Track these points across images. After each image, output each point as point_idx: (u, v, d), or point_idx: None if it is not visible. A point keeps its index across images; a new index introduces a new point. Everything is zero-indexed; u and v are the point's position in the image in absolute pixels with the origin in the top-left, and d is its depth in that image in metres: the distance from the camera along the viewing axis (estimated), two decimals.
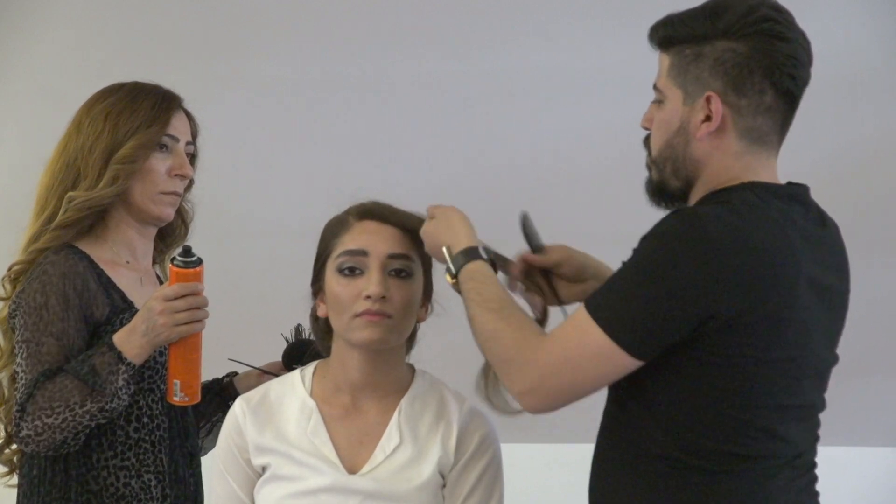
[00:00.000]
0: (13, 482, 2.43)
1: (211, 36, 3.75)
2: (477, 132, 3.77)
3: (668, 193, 2.00)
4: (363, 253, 2.11)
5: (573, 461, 2.20)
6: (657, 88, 1.98)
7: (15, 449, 2.40)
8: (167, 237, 2.51)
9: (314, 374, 2.20)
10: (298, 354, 2.44)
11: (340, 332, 2.13)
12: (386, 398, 2.16)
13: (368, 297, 2.08)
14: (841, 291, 2.00)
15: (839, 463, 3.64)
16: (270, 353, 2.53)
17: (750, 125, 1.94)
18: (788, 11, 1.96)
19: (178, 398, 2.29)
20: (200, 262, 2.27)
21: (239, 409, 2.18)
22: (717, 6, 1.93)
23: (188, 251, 2.26)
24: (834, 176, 3.60)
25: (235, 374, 2.57)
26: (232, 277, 3.65)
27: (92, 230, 2.38)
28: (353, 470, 2.11)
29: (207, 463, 2.31)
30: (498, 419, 2.19)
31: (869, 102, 3.63)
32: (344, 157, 3.76)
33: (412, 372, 2.21)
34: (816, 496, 2.00)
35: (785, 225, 1.90)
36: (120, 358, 2.24)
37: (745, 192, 1.91)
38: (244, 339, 2.80)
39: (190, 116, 2.45)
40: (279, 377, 2.26)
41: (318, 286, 2.17)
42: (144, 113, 2.36)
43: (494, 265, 2.08)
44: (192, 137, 2.44)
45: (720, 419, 1.89)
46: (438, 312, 2.20)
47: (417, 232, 2.13)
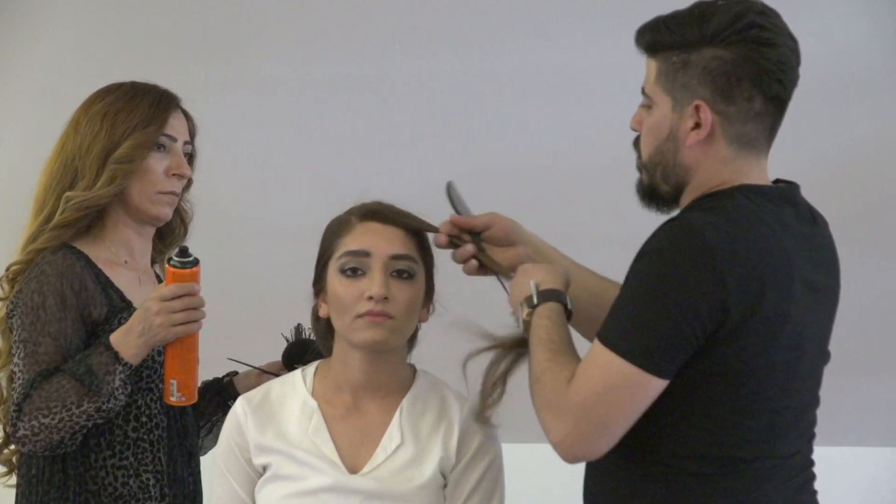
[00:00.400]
0: (12, 482, 2.42)
1: (210, 36, 3.75)
2: (477, 132, 3.77)
3: (658, 196, 1.99)
4: (365, 253, 2.11)
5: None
6: (645, 93, 1.97)
7: (13, 449, 2.40)
8: (166, 237, 2.50)
9: (315, 373, 2.20)
10: (298, 354, 2.44)
11: (342, 332, 2.13)
12: (387, 398, 2.16)
13: (370, 297, 2.08)
14: (832, 289, 2.00)
15: (839, 463, 3.64)
16: (270, 352, 2.53)
17: (739, 131, 1.93)
18: (775, 13, 1.95)
19: (174, 398, 2.29)
20: (197, 262, 2.27)
21: (240, 408, 2.18)
22: (703, 13, 1.92)
23: (185, 251, 2.26)
24: (833, 175, 3.60)
25: (235, 373, 2.57)
26: (232, 277, 3.65)
27: (90, 230, 2.38)
28: (354, 470, 2.11)
29: (208, 462, 2.31)
30: (500, 419, 2.19)
31: (868, 102, 3.62)
32: (344, 157, 3.76)
33: (413, 372, 2.21)
34: (814, 495, 1.99)
35: (777, 227, 1.90)
36: (117, 358, 2.24)
37: (736, 196, 1.91)
38: (244, 338, 2.80)
39: (188, 116, 2.45)
40: (280, 377, 2.26)
41: (319, 286, 2.17)
42: (142, 113, 2.35)
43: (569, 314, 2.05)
44: (189, 137, 2.44)
45: (720, 424, 1.89)
46: (440, 312, 2.20)
47: (420, 233, 2.13)
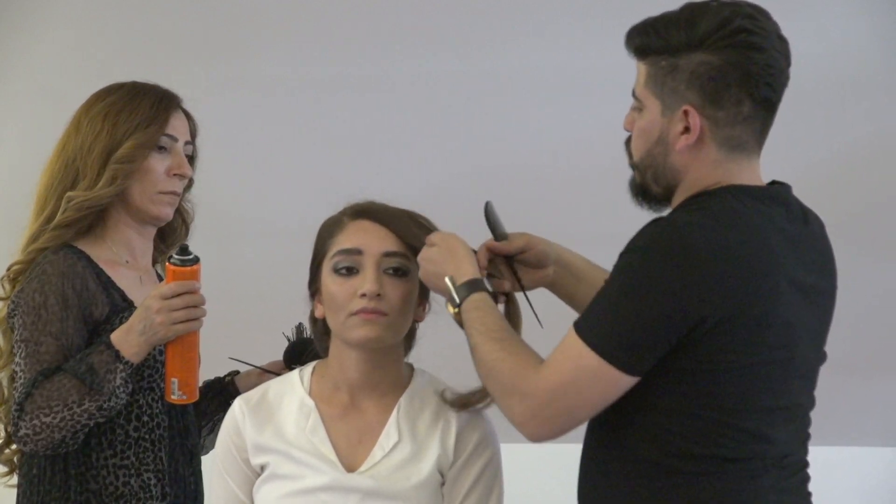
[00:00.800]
0: (13, 482, 2.43)
1: (210, 36, 3.75)
2: (477, 132, 3.77)
3: (650, 196, 2.00)
4: (358, 252, 2.11)
5: (573, 461, 2.19)
6: (636, 96, 1.98)
7: (15, 449, 2.40)
8: (168, 237, 2.51)
9: (313, 373, 2.20)
10: (300, 353, 2.44)
11: (337, 331, 2.13)
12: (385, 397, 2.16)
13: (364, 295, 2.08)
14: (826, 289, 2.00)
15: (839, 463, 3.64)
16: (272, 352, 2.53)
17: (728, 135, 1.93)
18: (764, 14, 1.95)
19: (175, 396, 2.29)
20: (197, 260, 2.27)
21: (238, 408, 2.18)
22: (690, 16, 1.92)
23: (185, 249, 2.26)
24: (831, 176, 3.60)
25: (237, 373, 2.57)
26: (233, 277, 3.66)
27: (91, 230, 2.39)
28: (351, 468, 2.11)
29: (209, 462, 2.31)
30: (498, 418, 2.19)
31: (866, 103, 3.63)
32: (344, 157, 3.76)
33: (411, 371, 2.21)
34: (808, 496, 2.00)
35: (764, 227, 1.90)
36: (118, 357, 2.25)
37: (724, 196, 1.92)
38: (245, 338, 2.80)
39: (189, 116, 2.45)
40: (279, 376, 2.26)
41: (314, 287, 2.17)
42: (143, 113, 2.36)
43: (495, 296, 2.08)
44: (190, 137, 2.44)
45: (705, 423, 1.89)
46: (438, 311, 2.20)
47: (413, 230, 2.14)
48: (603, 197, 3.59)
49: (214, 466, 2.20)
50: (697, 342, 1.86)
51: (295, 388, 2.19)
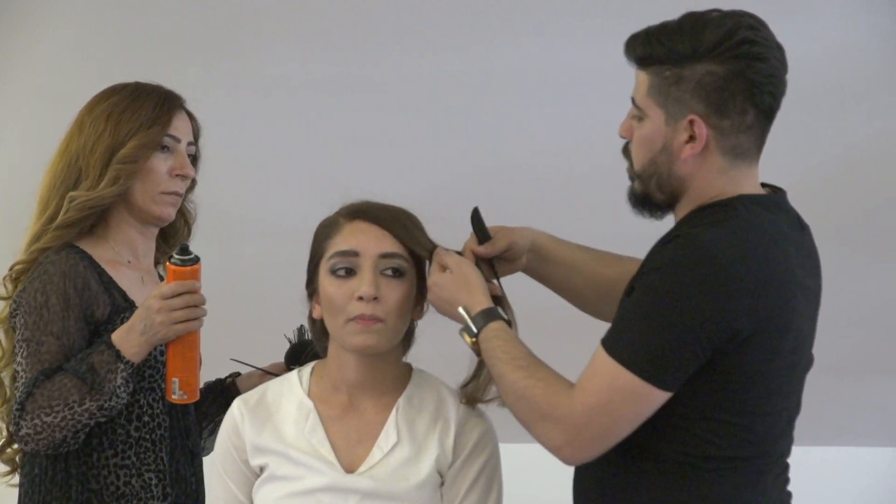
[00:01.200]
0: (14, 481, 2.43)
1: (210, 36, 3.75)
2: (477, 132, 3.77)
3: (652, 204, 2.02)
4: (354, 254, 2.11)
5: None
6: (637, 105, 1.99)
7: (16, 448, 2.41)
8: (170, 238, 2.51)
9: (312, 374, 2.20)
10: (301, 355, 2.45)
11: (335, 335, 2.13)
12: (383, 397, 2.16)
13: (360, 298, 2.08)
14: (817, 293, 2.05)
15: (839, 463, 3.64)
16: (273, 353, 2.53)
17: (733, 143, 1.96)
18: (763, 24, 1.97)
19: (176, 396, 2.30)
20: (197, 259, 2.27)
21: (237, 409, 2.18)
22: (694, 26, 1.94)
23: (185, 249, 2.26)
24: (832, 178, 3.60)
25: (238, 374, 2.57)
26: (234, 278, 3.66)
27: (93, 230, 2.39)
28: (350, 469, 2.11)
29: (210, 463, 2.32)
30: (497, 418, 2.20)
31: (865, 105, 3.63)
32: (344, 156, 3.76)
33: (409, 370, 2.21)
34: (790, 495, 2.05)
35: (778, 238, 1.94)
36: (118, 356, 2.25)
37: (737, 208, 1.94)
38: (247, 339, 2.80)
39: (192, 117, 2.45)
40: (278, 377, 2.26)
41: (312, 288, 2.17)
42: (146, 113, 2.36)
43: (509, 322, 2.11)
44: (193, 138, 2.45)
45: (722, 426, 1.93)
46: (436, 310, 2.20)
47: (410, 231, 2.14)
48: (602, 197, 3.59)
49: (214, 467, 2.20)
50: (727, 353, 1.90)
51: (294, 388, 2.19)
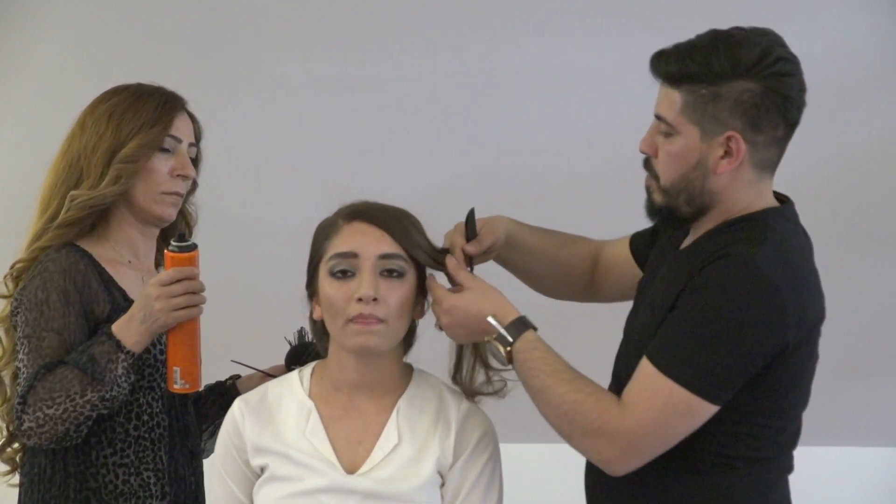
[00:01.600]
0: (15, 481, 2.43)
1: (210, 36, 3.75)
2: (477, 132, 3.77)
3: (676, 218, 2.06)
4: (353, 255, 2.11)
5: (573, 461, 2.20)
6: (667, 122, 2.02)
7: (17, 447, 2.41)
8: (171, 239, 2.50)
9: (312, 374, 2.20)
10: (302, 357, 2.44)
11: (335, 336, 2.13)
12: (384, 398, 2.16)
13: (360, 299, 2.08)
14: None
15: (839, 463, 3.64)
16: (273, 355, 2.53)
17: (763, 157, 2.01)
18: (783, 40, 2.01)
19: (178, 386, 2.29)
20: (195, 246, 2.27)
21: (237, 409, 2.18)
22: (728, 45, 1.97)
23: (182, 237, 2.27)
24: (833, 177, 3.60)
25: (238, 376, 2.57)
26: (234, 279, 3.65)
27: (94, 229, 2.39)
28: (351, 470, 2.11)
29: (210, 463, 2.31)
30: (497, 418, 2.20)
31: (865, 105, 3.63)
32: (344, 156, 3.76)
33: (410, 371, 2.21)
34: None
35: (804, 248, 2.02)
36: (119, 346, 2.25)
37: (769, 223, 1.99)
38: (247, 341, 2.80)
39: (193, 119, 2.45)
40: (278, 378, 2.26)
41: (312, 289, 2.17)
42: (148, 113, 2.37)
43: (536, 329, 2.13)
44: (195, 139, 2.45)
45: (759, 429, 2.00)
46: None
47: (408, 231, 2.14)
48: (602, 196, 3.60)
49: (214, 467, 2.20)
50: (774, 364, 1.95)
51: (294, 389, 2.19)
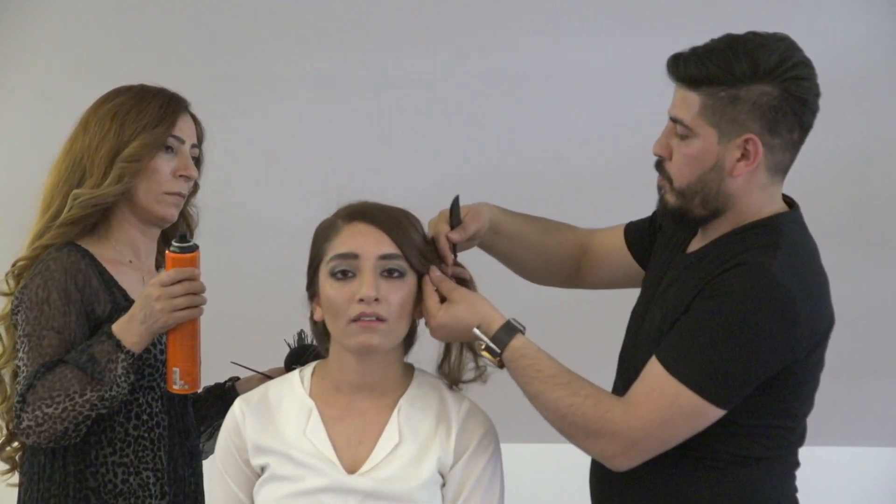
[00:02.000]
0: (14, 480, 2.43)
1: (210, 36, 3.75)
2: (477, 132, 3.77)
3: (689, 220, 2.07)
4: (354, 256, 2.11)
5: (574, 461, 2.20)
6: (685, 124, 2.03)
7: (16, 446, 2.41)
8: (172, 241, 2.50)
9: (313, 374, 2.20)
10: (301, 360, 2.44)
11: (336, 336, 2.13)
12: (385, 398, 2.16)
13: (361, 300, 2.08)
14: None
15: (839, 463, 3.64)
16: (273, 356, 2.53)
17: (778, 160, 2.03)
18: (800, 47, 2.03)
19: (177, 386, 2.29)
20: (196, 247, 2.27)
21: (238, 409, 2.18)
22: (748, 48, 1.99)
23: (184, 237, 2.27)
24: (833, 177, 3.60)
25: (238, 378, 2.57)
26: (234, 279, 3.65)
27: (96, 229, 2.39)
28: (352, 470, 2.11)
29: (210, 464, 2.31)
30: (498, 418, 2.19)
31: (865, 104, 3.63)
32: (344, 156, 3.76)
33: (411, 371, 2.21)
34: None
35: (815, 253, 2.04)
36: (119, 346, 2.25)
37: (781, 230, 2.01)
38: (247, 342, 2.80)
39: (196, 120, 2.46)
40: (279, 378, 2.26)
41: (312, 290, 2.17)
42: (151, 114, 2.37)
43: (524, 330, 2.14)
44: (197, 141, 2.45)
45: (771, 430, 2.02)
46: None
47: (407, 231, 2.14)
48: (603, 196, 3.59)
49: (215, 467, 2.20)
50: (786, 370, 1.98)
51: (295, 388, 2.18)
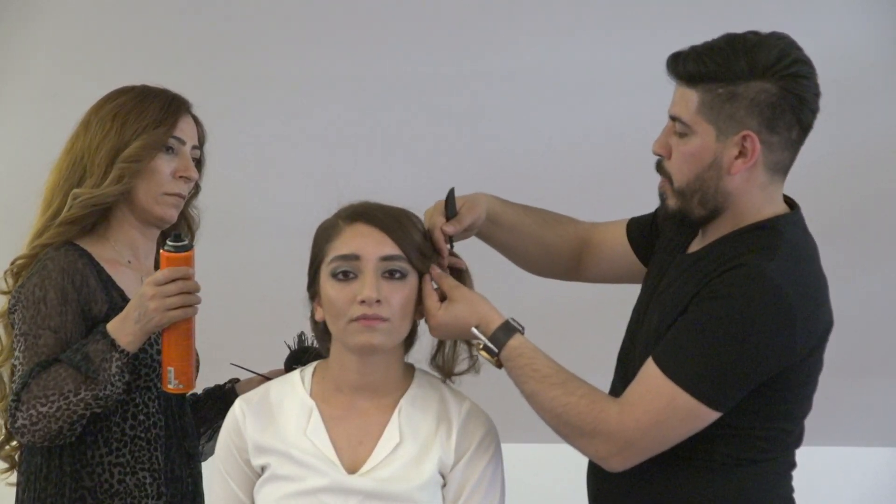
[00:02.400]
0: (12, 480, 2.43)
1: (211, 36, 3.75)
2: (477, 132, 3.77)
3: (689, 221, 2.07)
4: (355, 257, 2.11)
5: (574, 461, 2.20)
6: (683, 121, 2.03)
7: (15, 445, 2.41)
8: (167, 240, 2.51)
9: (314, 374, 2.20)
10: (301, 361, 2.44)
11: (338, 336, 2.13)
12: (385, 398, 2.16)
13: (363, 301, 2.08)
14: None
15: (839, 463, 3.64)
16: (273, 357, 2.53)
17: (777, 159, 2.03)
18: (800, 46, 2.03)
19: (172, 385, 2.29)
20: (191, 246, 2.27)
21: (238, 409, 2.18)
22: (746, 46, 1.99)
23: (178, 236, 2.26)
24: (833, 176, 3.60)
25: (237, 380, 2.57)
26: (235, 280, 3.66)
27: (95, 229, 2.40)
28: (352, 470, 2.11)
29: (210, 465, 2.31)
30: (499, 418, 2.19)
31: (867, 103, 3.63)
32: (345, 156, 3.76)
33: (412, 371, 2.21)
34: None
35: (815, 255, 2.04)
36: (113, 345, 2.25)
37: (781, 232, 2.01)
38: (247, 343, 2.80)
39: (198, 122, 2.46)
40: (279, 377, 2.26)
41: (313, 290, 2.17)
42: (152, 114, 2.37)
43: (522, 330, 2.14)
44: (198, 142, 2.45)
45: (768, 431, 2.03)
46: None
47: (408, 231, 2.14)
48: (604, 196, 3.59)
49: (215, 467, 2.20)
50: (783, 373, 1.98)
51: (296, 388, 2.18)
